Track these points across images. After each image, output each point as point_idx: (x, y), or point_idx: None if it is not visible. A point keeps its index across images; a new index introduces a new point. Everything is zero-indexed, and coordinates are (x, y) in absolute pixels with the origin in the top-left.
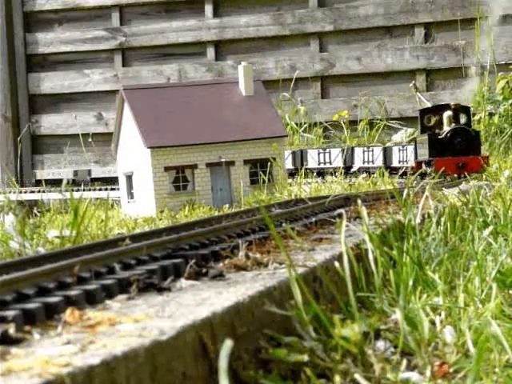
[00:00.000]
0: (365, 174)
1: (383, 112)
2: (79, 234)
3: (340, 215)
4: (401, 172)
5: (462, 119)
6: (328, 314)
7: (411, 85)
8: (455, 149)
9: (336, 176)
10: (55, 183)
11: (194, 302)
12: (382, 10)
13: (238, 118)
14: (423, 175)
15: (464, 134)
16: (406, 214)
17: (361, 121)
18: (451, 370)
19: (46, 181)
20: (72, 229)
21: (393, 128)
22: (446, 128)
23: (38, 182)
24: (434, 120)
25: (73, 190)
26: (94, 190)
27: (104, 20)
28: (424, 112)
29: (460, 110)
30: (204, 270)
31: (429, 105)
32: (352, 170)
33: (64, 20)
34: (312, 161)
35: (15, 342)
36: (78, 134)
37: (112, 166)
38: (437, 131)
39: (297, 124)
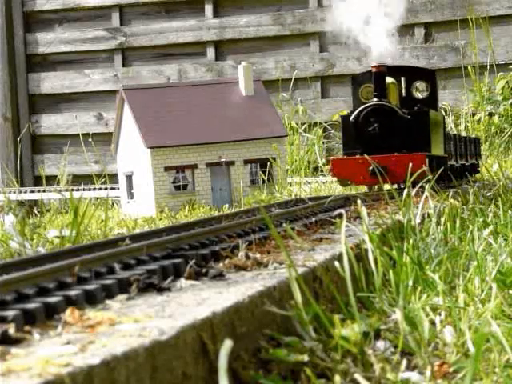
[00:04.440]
0: None
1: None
2: (79, 233)
3: (340, 215)
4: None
5: (419, 92)
6: (328, 314)
7: None
8: (368, 141)
9: None
10: None
11: (194, 302)
12: None
13: (237, 118)
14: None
15: (385, 117)
16: (406, 214)
17: None
18: (451, 370)
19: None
20: (72, 229)
21: None
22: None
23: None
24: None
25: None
26: (94, 189)
27: (104, 20)
28: (359, 80)
29: (405, 73)
30: (204, 270)
31: None
32: None
33: (64, 20)
34: None
35: (15, 341)
36: (78, 134)
37: None
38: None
39: (297, 124)
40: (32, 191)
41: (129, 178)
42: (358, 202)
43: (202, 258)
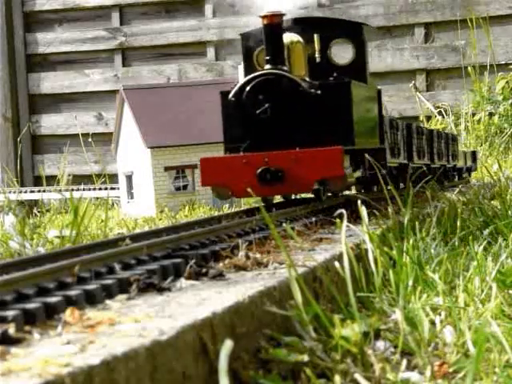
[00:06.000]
0: None
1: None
2: (79, 233)
3: (340, 215)
4: None
5: (340, 55)
6: (328, 314)
7: (411, 85)
8: (257, 130)
9: None
10: None
11: (194, 302)
12: (382, 10)
13: None
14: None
15: (281, 93)
16: (406, 214)
17: None
18: (451, 370)
19: None
20: (72, 229)
21: None
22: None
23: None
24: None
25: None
26: (94, 189)
27: (104, 20)
28: (253, 40)
29: (320, 28)
30: (204, 270)
31: (429, 105)
32: None
33: (64, 20)
34: None
35: (15, 341)
36: (78, 134)
37: None
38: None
39: None
40: (32, 191)
41: (129, 178)
42: (358, 202)
43: (202, 258)
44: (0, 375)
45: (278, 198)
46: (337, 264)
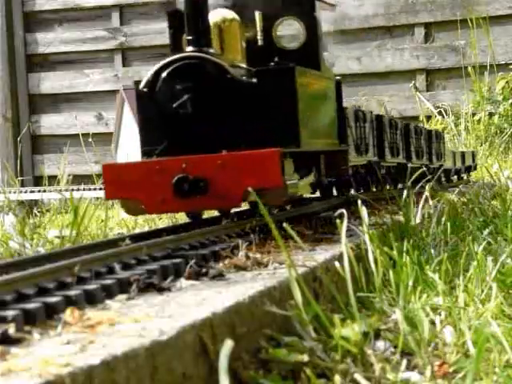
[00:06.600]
0: None
1: (383, 112)
2: (79, 233)
3: (340, 215)
4: None
5: (288, 38)
6: (328, 314)
7: (411, 85)
8: (176, 129)
9: None
10: None
11: (194, 302)
12: (382, 10)
13: None
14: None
15: (203, 82)
16: (406, 214)
17: None
18: (451, 370)
19: None
20: (72, 229)
21: None
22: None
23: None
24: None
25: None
26: (94, 189)
27: (104, 20)
28: (179, 16)
29: (262, 5)
30: (204, 270)
31: (429, 105)
32: None
33: (64, 20)
34: None
35: (15, 342)
36: (78, 134)
37: None
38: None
39: None
40: (32, 191)
41: None
42: (359, 202)
43: (202, 258)
44: (0, 375)
45: (212, 212)
46: (337, 264)
